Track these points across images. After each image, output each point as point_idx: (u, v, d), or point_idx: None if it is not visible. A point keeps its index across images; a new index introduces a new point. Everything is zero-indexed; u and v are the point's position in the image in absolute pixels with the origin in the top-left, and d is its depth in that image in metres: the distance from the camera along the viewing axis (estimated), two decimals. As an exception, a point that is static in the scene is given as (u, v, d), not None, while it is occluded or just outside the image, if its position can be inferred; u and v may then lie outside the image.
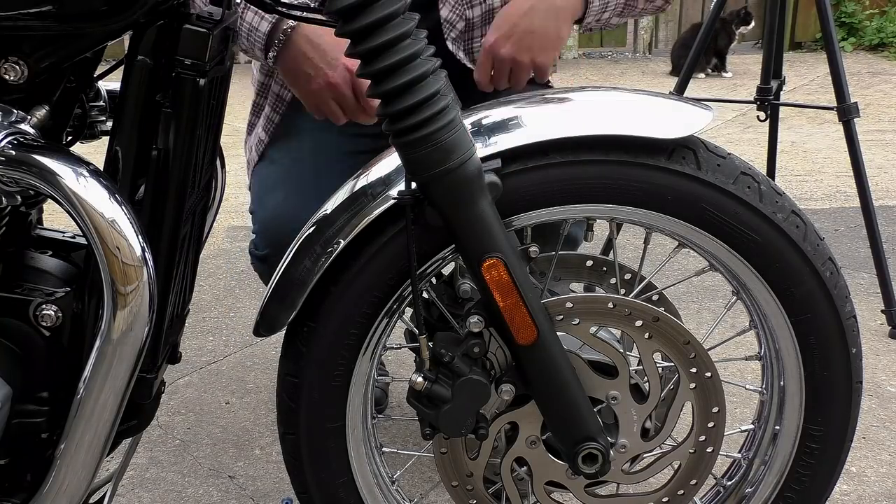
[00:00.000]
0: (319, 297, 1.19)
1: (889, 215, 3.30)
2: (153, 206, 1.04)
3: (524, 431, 1.23)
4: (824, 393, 1.25)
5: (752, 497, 1.35)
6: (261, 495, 1.84)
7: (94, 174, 0.94)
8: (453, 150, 1.05)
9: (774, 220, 1.17)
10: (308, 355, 1.23)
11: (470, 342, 1.16)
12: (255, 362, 2.39)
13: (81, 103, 1.09)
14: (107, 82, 1.19)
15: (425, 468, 1.83)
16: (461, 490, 1.28)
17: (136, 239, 0.94)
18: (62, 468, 1.00)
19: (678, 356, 1.22)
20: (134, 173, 1.04)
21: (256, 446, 2.02)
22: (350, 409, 1.27)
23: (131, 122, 1.02)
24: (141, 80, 1.01)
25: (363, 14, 0.99)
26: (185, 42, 1.00)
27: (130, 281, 0.94)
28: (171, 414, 2.14)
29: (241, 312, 2.69)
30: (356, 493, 1.31)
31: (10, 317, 1.03)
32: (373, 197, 1.17)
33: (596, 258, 1.31)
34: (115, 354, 0.96)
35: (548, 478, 1.26)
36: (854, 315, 1.24)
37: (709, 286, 2.71)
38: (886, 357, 2.37)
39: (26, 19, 0.94)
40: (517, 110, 1.18)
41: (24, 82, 0.98)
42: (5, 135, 0.93)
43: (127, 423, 1.09)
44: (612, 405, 1.22)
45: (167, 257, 1.06)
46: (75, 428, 0.99)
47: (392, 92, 1.03)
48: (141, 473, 1.91)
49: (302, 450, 1.28)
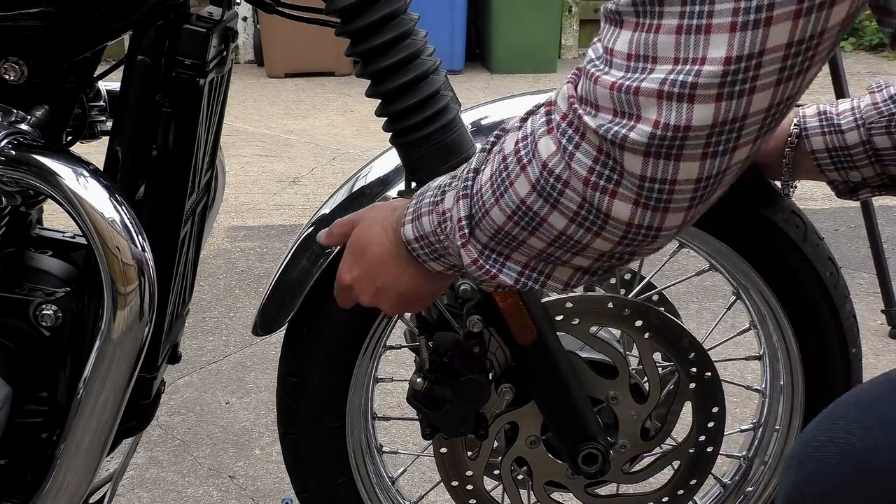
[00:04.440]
0: (319, 297, 1.19)
1: (889, 215, 3.30)
2: (153, 206, 1.04)
3: (524, 431, 1.23)
4: (824, 393, 1.25)
5: (752, 497, 1.35)
6: (261, 495, 1.84)
7: (94, 174, 0.94)
8: (453, 150, 1.05)
9: (774, 220, 1.17)
10: (308, 355, 1.23)
11: (470, 342, 1.16)
12: (255, 362, 2.39)
13: (81, 103, 1.09)
14: (107, 82, 1.19)
15: (425, 468, 1.83)
16: (461, 490, 1.28)
17: (136, 239, 0.94)
18: (62, 468, 1.00)
19: (676, 353, 1.22)
20: (134, 173, 1.04)
21: (256, 446, 2.02)
22: (350, 410, 1.27)
23: (131, 122, 1.02)
24: (141, 80, 1.01)
25: (363, 14, 0.99)
26: (185, 42, 1.00)
27: (130, 281, 0.94)
28: (171, 414, 2.14)
29: (241, 312, 2.69)
30: (356, 493, 1.31)
31: (10, 317, 1.03)
32: (371, 197, 1.17)
33: (596, 258, 1.31)
34: (115, 354, 0.96)
35: (548, 478, 1.26)
36: (854, 315, 1.24)
37: (709, 286, 2.70)
38: (886, 357, 2.37)
39: (26, 19, 0.94)
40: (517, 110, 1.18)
41: (24, 82, 0.98)
42: (5, 135, 0.93)
43: (127, 423, 1.09)
44: (612, 405, 1.22)
45: (167, 257, 1.06)
46: (75, 428, 0.99)
47: (392, 92, 1.03)
48: (141, 473, 1.91)
49: (302, 450, 1.28)
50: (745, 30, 0.59)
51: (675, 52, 0.61)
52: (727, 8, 0.59)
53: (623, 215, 0.67)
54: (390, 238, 0.91)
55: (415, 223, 0.87)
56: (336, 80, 5.90)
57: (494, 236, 0.76)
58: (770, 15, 0.58)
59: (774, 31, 0.59)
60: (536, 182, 0.70)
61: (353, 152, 4.27)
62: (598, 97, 0.64)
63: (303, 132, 4.71)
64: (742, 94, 0.61)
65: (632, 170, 0.64)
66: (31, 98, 0.99)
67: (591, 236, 0.70)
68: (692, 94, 0.60)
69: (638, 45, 0.62)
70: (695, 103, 0.61)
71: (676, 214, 0.67)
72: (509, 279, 0.78)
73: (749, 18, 0.58)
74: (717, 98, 0.60)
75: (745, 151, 0.65)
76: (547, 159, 0.68)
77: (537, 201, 0.70)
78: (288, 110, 5.23)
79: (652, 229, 0.67)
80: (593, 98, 0.65)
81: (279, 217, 3.46)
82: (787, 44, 0.59)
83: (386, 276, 0.92)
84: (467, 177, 0.79)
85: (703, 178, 0.64)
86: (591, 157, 0.65)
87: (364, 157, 3.63)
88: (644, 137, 0.62)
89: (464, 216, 0.77)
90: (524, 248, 0.75)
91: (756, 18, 0.58)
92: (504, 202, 0.73)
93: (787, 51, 0.60)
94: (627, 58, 0.63)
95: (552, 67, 6.18)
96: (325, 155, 4.26)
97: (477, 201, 0.76)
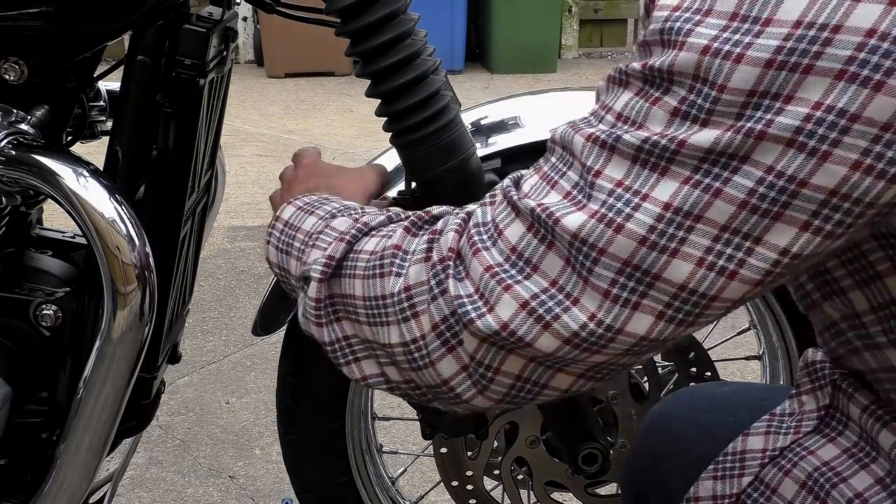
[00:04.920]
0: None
1: (889, 215, 3.30)
2: (153, 206, 1.04)
3: (524, 431, 1.23)
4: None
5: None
6: (261, 495, 1.84)
7: (94, 174, 0.94)
8: (453, 150, 1.04)
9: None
10: (308, 355, 1.23)
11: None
12: (255, 362, 2.39)
13: (81, 103, 1.09)
14: (107, 82, 1.19)
15: (425, 468, 1.83)
16: (461, 490, 1.28)
17: (136, 239, 0.94)
18: (62, 468, 1.00)
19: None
20: (134, 173, 1.04)
21: (256, 446, 2.02)
22: (350, 410, 1.27)
23: (131, 122, 1.02)
24: (141, 80, 1.01)
25: (363, 14, 0.99)
26: (185, 42, 1.00)
27: (130, 281, 0.94)
28: (171, 414, 2.14)
29: (241, 312, 2.69)
30: (356, 493, 1.31)
31: (10, 317, 1.03)
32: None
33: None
34: (115, 354, 0.96)
35: (548, 478, 1.26)
36: (854, 315, 1.24)
37: (709, 286, 2.71)
38: (886, 357, 2.37)
39: (26, 19, 0.94)
40: (517, 110, 1.19)
41: (24, 82, 0.97)
42: (5, 135, 0.93)
43: (127, 423, 1.09)
44: (612, 405, 1.22)
45: (167, 257, 1.06)
46: (75, 428, 0.99)
47: (392, 92, 1.02)
48: (141, 473, 1.91)
49: (302, 450, 1.28)
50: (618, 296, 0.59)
51: (557, 275, 0.61)
52: (607, 275, 0.58)
53: (446, 374, 0.67)
54: (281, 198, 0.94)
55: (301, 213, 0.85)
56: (336, 80, 5.91)
57: (343, 298, 0.75)
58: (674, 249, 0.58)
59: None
60: (393, 295, 0.70)
61: (353, 152, 4.27)
62: (470, 268, 0.64)
63: (303, 132, 4.72)
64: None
65: (467, 347, 0.65)
66: (31, 98, 0.99)
67: (410, 369, 0.70)
68: (549, 323, 0.61)
69: (526, 246, 0.62)
70: (547, 330, 0.61)
71: (487, 396, 0.67)
72: (326, 337, 0.77)
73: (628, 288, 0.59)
74: (566, 341, 0.61)
75: (565, 382, 0.65)
76: (413, 285, 0.68)
77: (388, 308, 0.70)
78: (288, 110, 5.23)
79: (461, 398, 0.69)
80: (466, 264, 0.65)
81: (279, 217, 3.46)
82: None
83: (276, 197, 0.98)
84: (364, 225, 0.77)
85: (521, 378, 0.65)
86: (442, 316, 0.66)
87: (364, 157, 3.63)
88: (488, 330, 0.62)
89: (337, 257, 0.76)
90: (357, 327, 0.75)
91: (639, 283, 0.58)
92: (366, 284, 0.73)
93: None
94: (512, 251, 0.62)
95: (552, 67, 6.18)
96: (325, 155, 4.23)
97: (352, 258, 0.75)
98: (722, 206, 0.56)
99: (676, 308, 0.59)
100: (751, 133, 0.54)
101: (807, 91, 0.53)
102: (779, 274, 0.58)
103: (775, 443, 0.73)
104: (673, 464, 0.87)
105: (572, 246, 0.59)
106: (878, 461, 0.68)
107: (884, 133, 0.52)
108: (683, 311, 0.59)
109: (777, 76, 0.53)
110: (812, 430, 0.72)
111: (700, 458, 0.78)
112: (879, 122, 0.52)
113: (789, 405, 0.76)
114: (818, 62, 0.53)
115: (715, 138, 0.55)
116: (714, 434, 0.83)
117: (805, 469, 0.70)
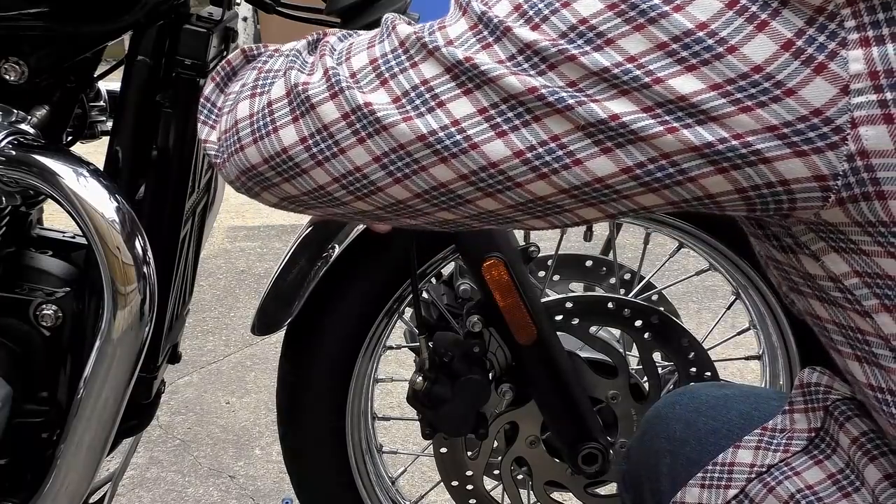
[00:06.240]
0: (319, 298, 1.19)
1: (889, 215, 3.30)
2: (153, 206, 1.04)
3: (524, 431, 1.23)
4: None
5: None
6: (261, 495, 1.84)
7: (94, 174, 0.94)
8: None
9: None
10: (308, 355, 1.23)
11: (470, 342, 1.16)
12: (255, 362, 2.39)
13: (81, 103, 1.09)
14: (107, 82, 1.19)
15: (425, 468, 1.83)
16: (461, 490, 1.28)
17: (136, 239, 0.94)
18: (62, 468, 1.00)
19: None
20: (134, 173, 1.04)
21: (256, 446, 2.02)
22: (350, 410, 1.27)
23: (131, 122, 1.02)
24: (141, 80, 1.01)
25: (363, 14, 0.99)
26: (185, 42, 1.00)
27: (130, 281, 0.94)
28: (171, 414, 2.14)
29: (241, 312, 2.69)
30: (356, 493, 1.31)
31: (10, 317, 1.03)
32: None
33: (596, 258, 1.31)
34: (115, 354, 0.96)
35: (548, 478, 1.26)
36: (854, 315, 1.24)
37: (709, 286, 2.71)
38: (886, 357, 2.37)
39: (26, 19, 0.94)
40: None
41: (24, 82, 0.98)
42: (5, 135, 0.93)
43: (127, 423, 1.09)
44: (611, 405, 1.22)
45: (167, 257, 1.06)
46: (75, 428, 0.99)
47: (392, 92, 1.02)
48: (141, 473, 1.91)
49: (302, 450, 1.28)
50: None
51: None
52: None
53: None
54: None
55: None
56: (336, 80, 5.90)
57: (229, 129, 0.77)
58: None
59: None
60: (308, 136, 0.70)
61: (353, 152, 4.27)
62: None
63: (303, 132, 4.71)
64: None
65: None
66: (31, 98, 0.99)
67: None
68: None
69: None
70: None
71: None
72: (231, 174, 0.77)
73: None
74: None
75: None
76: (329, 123, 0.68)
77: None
78: (288, 110, 5.22)
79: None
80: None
81: (279, 217, 3.46)
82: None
83: None
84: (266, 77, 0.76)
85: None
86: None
87: (364, 157, 3.63)
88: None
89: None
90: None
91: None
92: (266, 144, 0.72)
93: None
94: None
95: (552, 67, 6.18)
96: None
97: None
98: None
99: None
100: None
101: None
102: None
103: (764, 459, 0.74)
104: (665, 463, 0.87)
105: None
106: (860, 492, 0.68)
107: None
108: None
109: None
110: (801, 451, 0.73)
111: (691, 461, 0.79)
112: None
113: (781, 421, 0.77)
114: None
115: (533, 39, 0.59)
116: (706, 439, 0.84)
117: (788, 489, 0.71)
